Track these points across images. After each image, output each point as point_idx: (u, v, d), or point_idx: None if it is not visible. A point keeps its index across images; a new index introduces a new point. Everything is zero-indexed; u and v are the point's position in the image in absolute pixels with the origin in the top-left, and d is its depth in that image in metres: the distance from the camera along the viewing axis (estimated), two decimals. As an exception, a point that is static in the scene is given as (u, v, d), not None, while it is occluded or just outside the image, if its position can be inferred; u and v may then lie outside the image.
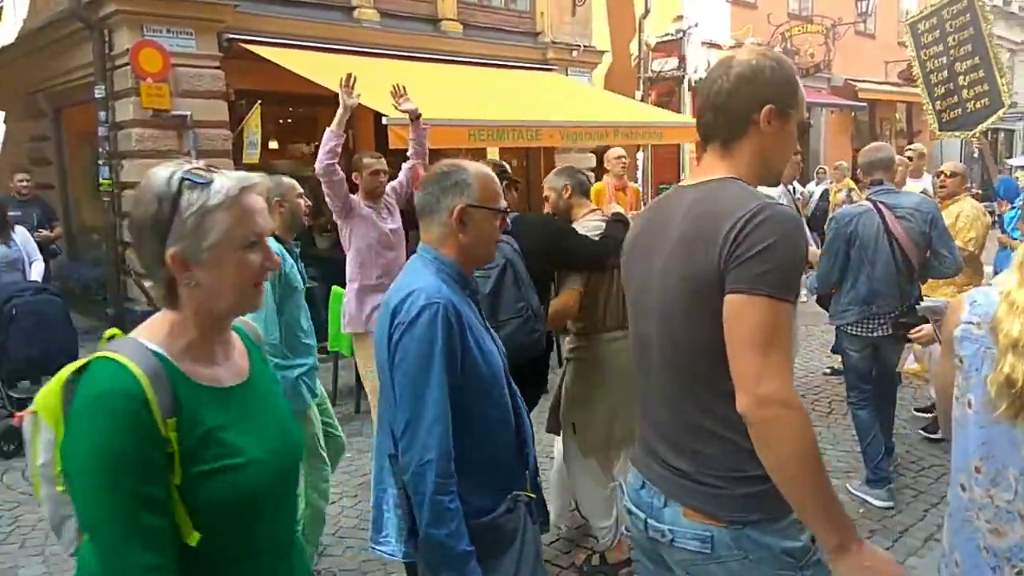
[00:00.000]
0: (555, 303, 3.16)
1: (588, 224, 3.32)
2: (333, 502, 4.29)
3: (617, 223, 3.26)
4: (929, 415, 5.38)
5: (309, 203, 3.58)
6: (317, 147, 11.63)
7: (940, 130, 7.13)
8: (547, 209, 3.49)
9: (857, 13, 17.03)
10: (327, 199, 4.28)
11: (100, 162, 8.10)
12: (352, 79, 4.25)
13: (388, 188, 4.58)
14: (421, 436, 1.77)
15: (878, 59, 18.84)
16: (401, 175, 4.76)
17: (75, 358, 5.39)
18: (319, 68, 8.20)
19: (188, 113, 7.97)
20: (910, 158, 7.09)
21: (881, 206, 4.04)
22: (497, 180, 2.02)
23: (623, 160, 7.24)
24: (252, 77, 8.37)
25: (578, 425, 3.42)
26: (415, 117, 4.60)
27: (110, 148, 8.07)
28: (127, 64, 7.63)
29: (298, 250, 3.51)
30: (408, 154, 4.78)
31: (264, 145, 8.61)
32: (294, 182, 3.51)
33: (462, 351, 1.84)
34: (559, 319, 3.19)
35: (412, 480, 1.78)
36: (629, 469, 1.86)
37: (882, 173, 4.19)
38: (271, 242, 3.24)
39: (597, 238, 3.21)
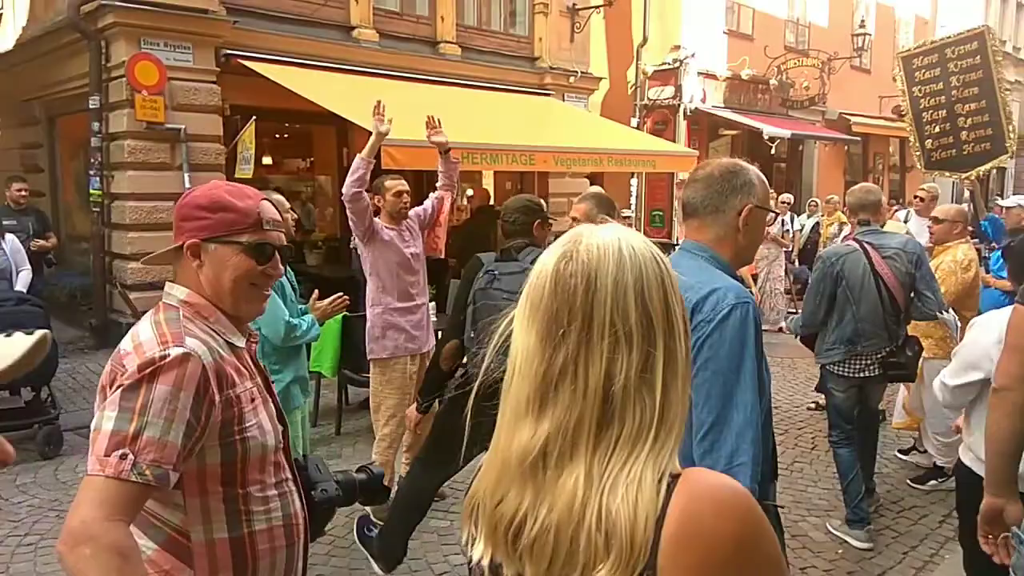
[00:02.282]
0: None
1: None
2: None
3: None
4: (908, 457, 5.37)
5: (296, 217, 3.67)
6: (312, 163, 11.72)
7: (926, 168, 7.10)
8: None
9: (853, 48, 17.20)
10: (351, 223, 4.26)
11: (91, 172, 8.08)
12: (382, 106, 4.24)
13: (412, 212, 4.56)
14: (730, 439, 1.63)
15: (873, 94, 19.01)
16: (427, 202, 4.73)
17: (52, 370, 5.36)
18: (316, 87, 8.23)
19: (182, 127, 7.97)
20: (921, 199, 7.05)
21: (868, 246, 4.06)
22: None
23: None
24: (248, 93, 8.39)
25: None
26: (445, 150, 4.58)
27: (102, 159, 8.05)
28: (123, 76, 7.63)
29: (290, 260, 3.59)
30: (437, 184, 4.77)
31: (258, 160, 8.60)
32: (281, 198, 3.58)
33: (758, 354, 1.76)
34: None
35: None
36: None
37: (869, 214, 4.21)
38: None
39: None
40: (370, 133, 4.36)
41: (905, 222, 9.14)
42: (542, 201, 3.49)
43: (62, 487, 4.77)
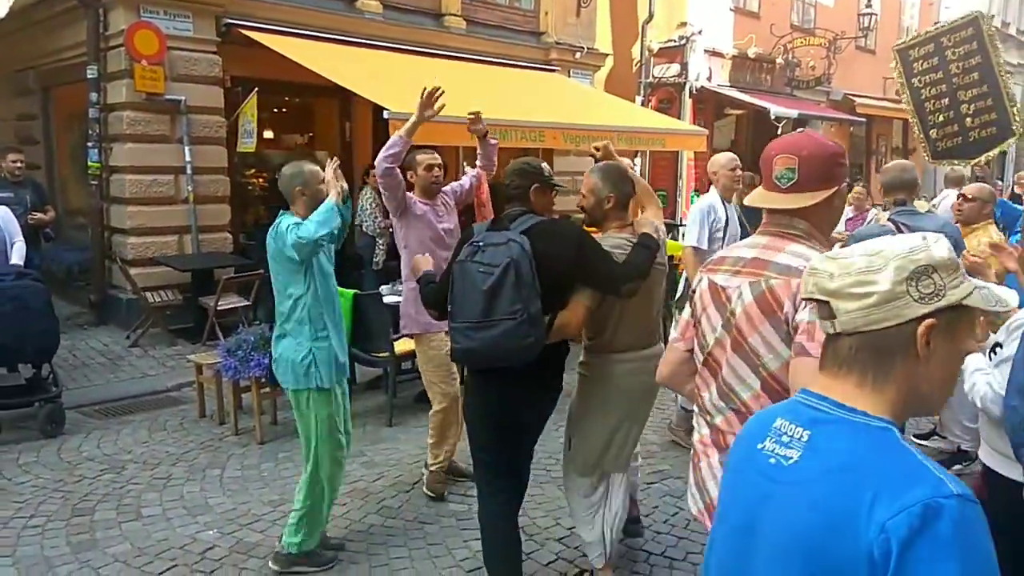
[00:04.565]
0: (560, 316, 2.98)
1: (611, 240, 3.09)
2: (322, 510, 4.13)
3: (643, 248, 3.02)
4: (928, 443, 5.28)
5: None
6: (312, 137, 11.48)
7: (934, 158, 6.98)
8: (580, 205, 3.32)
9: (859, 28, 17.00)
10: (383, 198, 4.22)
11: (89, 144, 7.85)
12: (439, 92, 4.01)
13: (448, 188, 4.49)
14: None
15: (877, 75, 18.81)
16: (465, 179, 4.68)
17: (54, 347, 5.23)
18: (319, 58, 8.02)
19: (182, 98, 7.76)
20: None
21: (903, 227, 3.91)
22: None
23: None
24: (249, 64, 8.17)
25: (574, 441, 3.30)
26: (483, 135, 4.48)
27: (100, 131, 7.83)
28: (121, 45, 7.40)
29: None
30: (477, 164, 4.70)
31: (259, 134, 8.40)
32: (316, 168, 3.51)
33: None
34: (560, 333, 2.99)
35: None
36: None
37: (906, 194, 4.06)
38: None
39: (620, 258, 3.01)
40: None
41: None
42: (543, 164, 3.24)
43: (66, 467, 4.64)
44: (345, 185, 3.42)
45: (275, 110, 10.16)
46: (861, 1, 17.09)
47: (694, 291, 2.12)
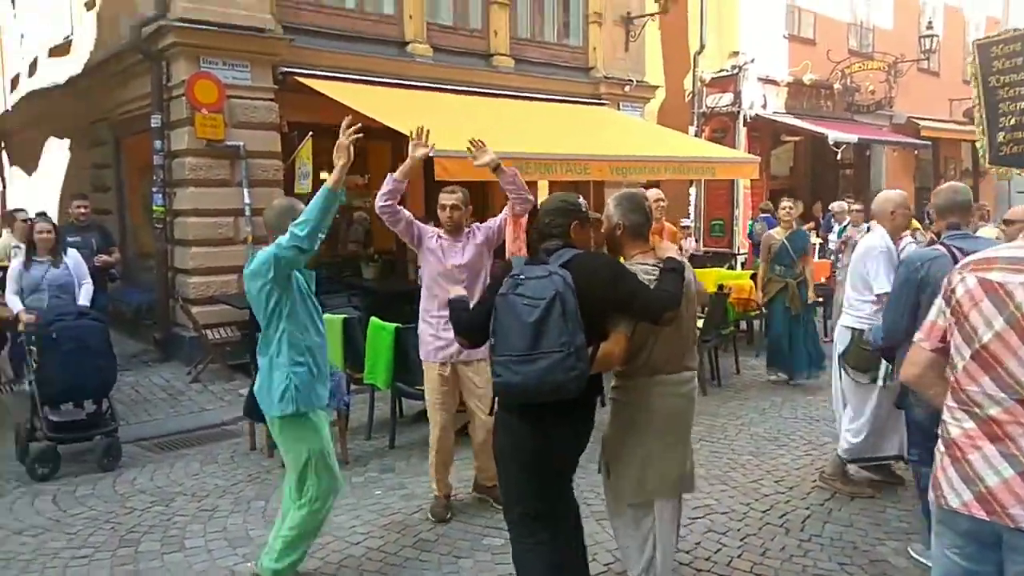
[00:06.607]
0: (603, 347, 2.94)
1: (635, 267, 3.11)
2: (357, 543, 4.15)
3: (672, 272, 3.04)
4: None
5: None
6: (369, 179, 11.70)
7: (990, 162, 6.71)
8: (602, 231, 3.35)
9: (920, 50, 16.60)
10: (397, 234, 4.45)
11: (154, 189, 8.25)
12: (425, 131, 4.22)
13: (483, 225, 4.53)
14: None
15: (942, 97, 18.30)
16: (499, 216, 4.64)
17: (111, 384, 5.37)
18: (372, 102, 8.26)
19: (241, 143, 8.09)
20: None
21: (956, 251, 3.73)
22: None
23: (661, 203, 6.95)
24: (305, 109, 8.47)
25: (611, 468, 3.25)
26: (494, 168, 4.35)
27: (165, 176, 8.23)
28: (183, 95, 7.79)
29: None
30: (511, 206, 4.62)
31: (315, 176, 8.67)
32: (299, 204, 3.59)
33: None
34: (605, 365, 2.98)
35: None
36: None
37: (958, 216, 3.88)
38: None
39: (650, 282, 3.02)
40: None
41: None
42: (580, 200, 3.22)
43: (119, 499, 4.80)
44: (348, 160, 3.41)
45: (331, 153, 10.45)
46: (922, 23, 16.70)
47: (953, 290, 2.22)
